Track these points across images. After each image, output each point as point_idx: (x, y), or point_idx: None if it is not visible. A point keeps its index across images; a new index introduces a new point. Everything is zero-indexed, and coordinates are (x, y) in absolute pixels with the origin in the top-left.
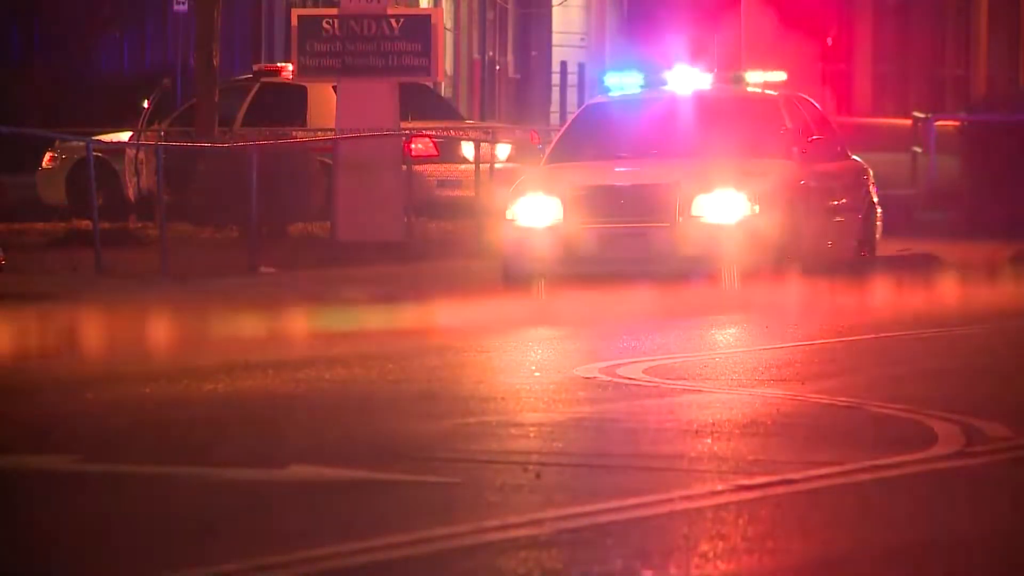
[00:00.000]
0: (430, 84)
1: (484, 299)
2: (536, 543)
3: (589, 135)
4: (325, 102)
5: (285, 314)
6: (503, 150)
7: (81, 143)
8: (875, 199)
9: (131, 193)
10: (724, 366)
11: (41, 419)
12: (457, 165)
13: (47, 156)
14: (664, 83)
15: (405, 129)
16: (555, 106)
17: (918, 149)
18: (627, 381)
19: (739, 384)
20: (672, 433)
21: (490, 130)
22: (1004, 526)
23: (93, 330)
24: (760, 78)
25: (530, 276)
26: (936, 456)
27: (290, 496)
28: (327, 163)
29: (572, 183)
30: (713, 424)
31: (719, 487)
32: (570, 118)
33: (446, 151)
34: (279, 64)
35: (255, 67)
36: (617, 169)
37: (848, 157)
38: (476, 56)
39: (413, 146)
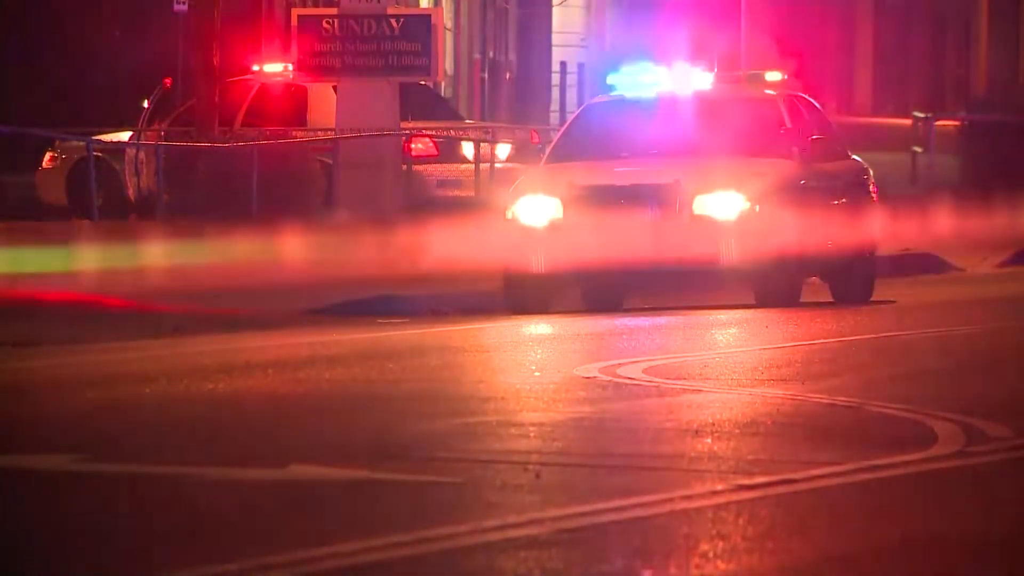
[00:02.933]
0: (430, 84)
1: (484, 298)
2: (536, 543)
3: (589, 135)
4: (325, 102)
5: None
6: (503, 150)
7: (81, 143)
8: (875, 199)
9: (131, 193)
10: (724, 366)
11: (41, 419)
12: (457, 165)
13: (47, 156)
14: (661, 84)
15: (405, 129)
16: (555, 106)
17: (918, 149)
18: (627, 381)
19: (739, 384)
20: (672, 433)
21: (490, 130)
22: (1004, 526)
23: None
24: (774, 77)
25: (530, 275)
26: (936, 456)
27: (290, 496)
28: (327, 163)
29: (572, 183)
30: (713, 424)
31: (719, 487)
32: (570, 118)
33: (446, 151)
34: (279, 64)
35: (255, 67)
36: (617, 169)
37: (848, 157)
38: (476, 56)
39: (413, 146)
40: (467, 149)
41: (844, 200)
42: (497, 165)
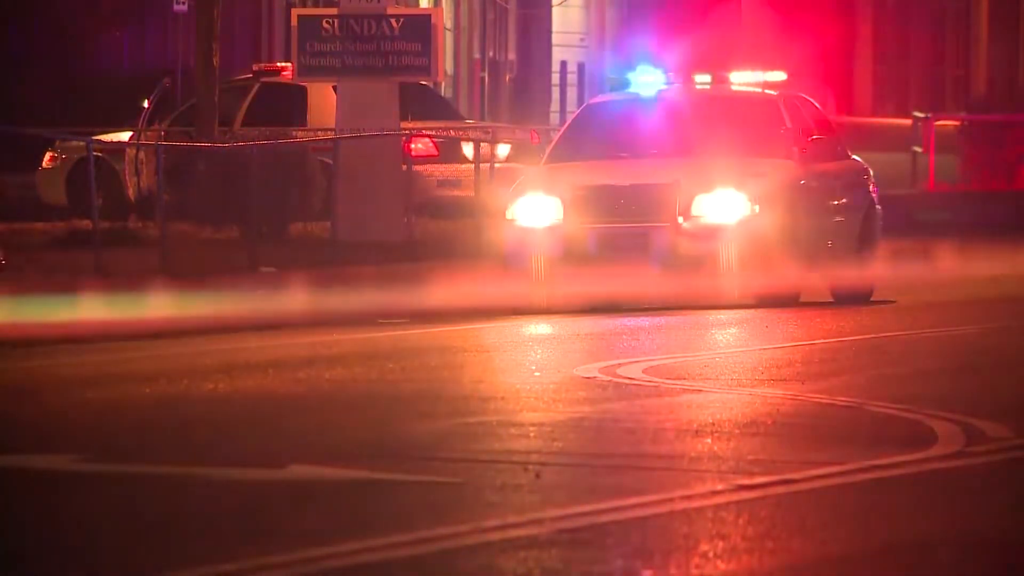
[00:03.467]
0: (430, 84)
1: (484, 299)
2: (536, 543)
3: (589, 135)
4: (325, 102)
5: (284, 313)
6: (503, 150)
7: (81, 143)
8: (875, 199)
9: (131, 193)
10: (724, 366)
11: (41, 419)
12: (457, 165)
13: (47, 156)
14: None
15: (405, 129)
16: (555, 106)
17: (918, 149)
18: (627, 381)
19: (739, 384)
20: (672, 433)
21: (490, 130)
22: (1004, 526)
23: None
24: (761, 78)
25: (530, 276)
26: (936, 456)
27: (290, 496)
28: (327, 163)
29: (572, 183)
30: (713, 424)
31: (719, 487)
32: (570, 118)
33: (446, 151)
34: (279, 64)
35: (255, 67)
36: (617, 169)
37: (848, 157)
38: (476, 56)
39: (413, 146)
40: (467, 149)
41: (844, 200)
42: (497, 165)
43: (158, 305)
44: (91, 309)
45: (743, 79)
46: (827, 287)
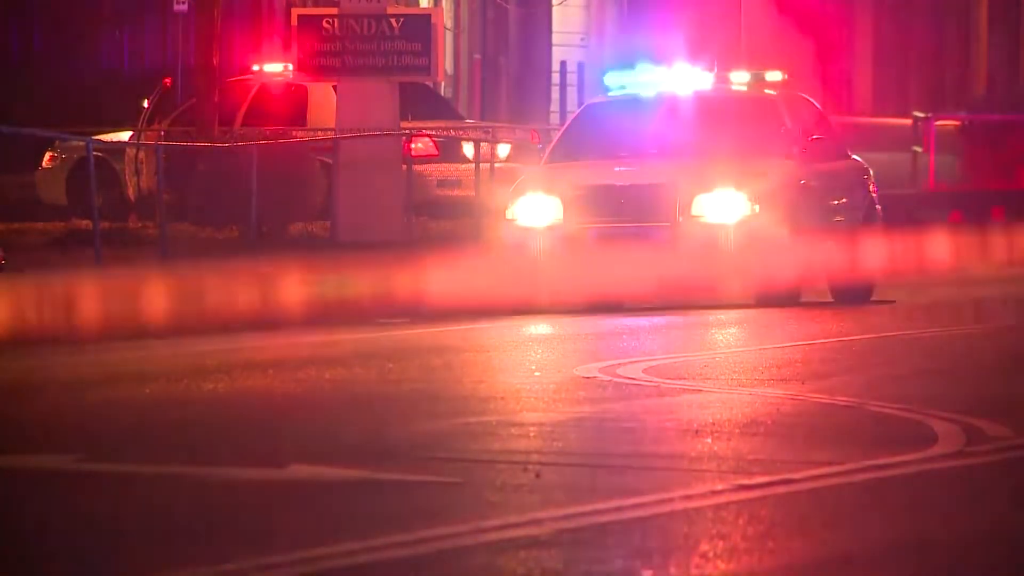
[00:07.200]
0: (430, 84)
1: (484, 299)
2: (536, 543)
3: (589, 135)
4: (325, 102)
5: (284, 313)
6: (503, 150)
7: (81, 143)
8: (875, 199)
9: (131, 193)
10: (724, 366)
11: (41, 419)
12: (457, 165)
13: (47, 156)
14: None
15: (405, 129)
16: (555, 106)
17: (918, 149)
18: (627, 381)
19: (739, 384)
20: (672, 433)
21: (490, 130)
22: (1004, 526)
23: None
24: (774, 77)
25: (530, 276)
26: (936, 456)
27: (290, 496)
28: (327, 163)
29: (572, 183)
30: (713, 424)
31: (719, 487)
32: (570, 118)
33: (446, 151)
34: (279, 64)
35: (255, 67)
36: (617, 169)
37: (848, 157)
38: (476, 56)
39: (413, 146)
40: (467, 149)
41: (844, 200)
42: (497, 165)
43: (158, 305)
44: (91, 309)
45: (741, 79)
46: (827, 287)
